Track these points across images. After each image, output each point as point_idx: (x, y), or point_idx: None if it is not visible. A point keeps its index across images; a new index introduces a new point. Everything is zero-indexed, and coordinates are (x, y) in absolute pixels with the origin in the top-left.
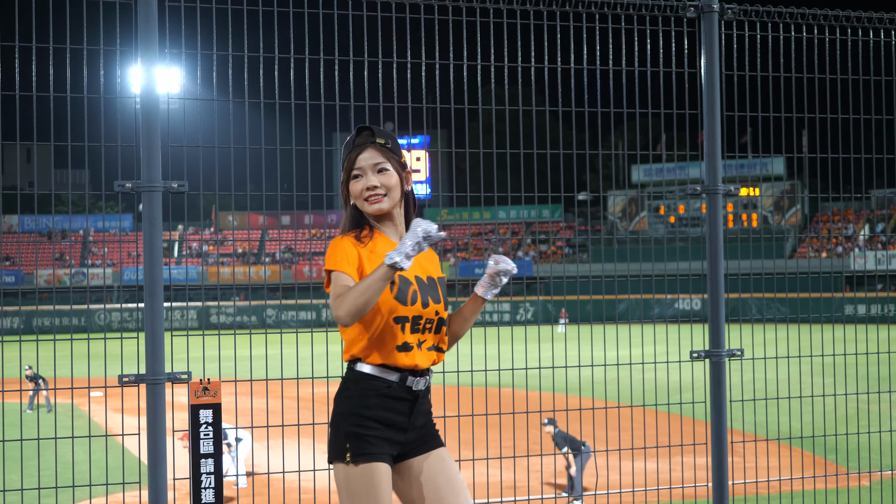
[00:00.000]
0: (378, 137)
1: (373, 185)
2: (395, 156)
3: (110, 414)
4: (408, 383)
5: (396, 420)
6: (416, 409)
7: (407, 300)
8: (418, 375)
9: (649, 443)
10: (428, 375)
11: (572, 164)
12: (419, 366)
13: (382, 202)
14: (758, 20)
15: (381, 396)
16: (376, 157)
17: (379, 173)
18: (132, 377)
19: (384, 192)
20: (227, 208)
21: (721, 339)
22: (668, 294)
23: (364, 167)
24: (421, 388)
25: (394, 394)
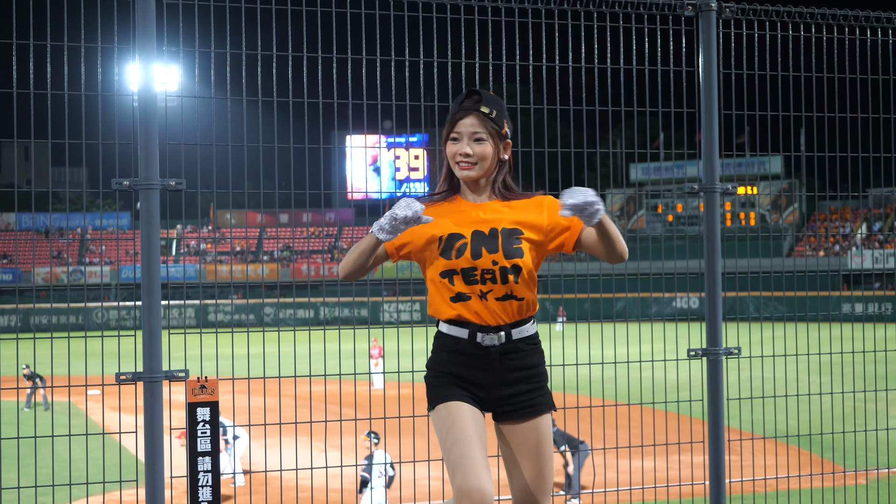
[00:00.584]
0: (483, 105)
1: (465, 152)
2: (495, 126)
3: (107, 412)
4: (477, 339)
5: (472, 375)
6: (494, 365)
7: (452, 254)
8: (490, 331)
9: (647, 441)
10: (505, 331)
11: (570, 163)
12: (484, 319)
13: (471, 170)
14: (755, 19)
15: (452, 353)
16: (476, 125)
17: (475, 142)
18: (129, 375)
19: (475, 161)
20: (225, 206)
21: (718, 337)
22: (665, 292)
23: (462, 132)
24: (493, 344)
25: (464, 350)
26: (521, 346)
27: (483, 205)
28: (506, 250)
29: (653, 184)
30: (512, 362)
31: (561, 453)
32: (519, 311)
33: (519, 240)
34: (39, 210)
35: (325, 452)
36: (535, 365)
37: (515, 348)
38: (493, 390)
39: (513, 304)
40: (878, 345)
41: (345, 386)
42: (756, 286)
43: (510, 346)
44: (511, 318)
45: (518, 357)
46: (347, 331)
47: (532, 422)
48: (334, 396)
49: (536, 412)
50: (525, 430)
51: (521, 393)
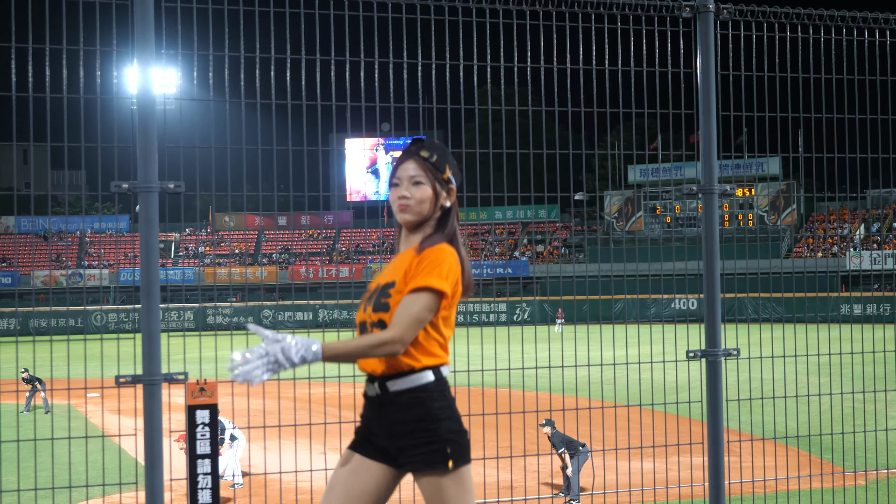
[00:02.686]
0: (423, 151)
1: (403, 195)
2: (436, 171)
3: (107, 415)
4: (365, 388)
5: (370, 423)
6: (382, 414)
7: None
8: (372, 380)
9: (646, 442)
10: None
11: (568, 165)
12: (366, 370)
13: (405, 213)
14: (753, 20)
15: (364, 398)
16: (415, 169)
17: (413, 185)
18: (129, 378)
19: (411, 205)
20: (223, 209)
21: (717, 338)
22: (664, 294)
23: (402, 177)
24: (369, 394)
25: (364, 397)
26: (398, 400)
27: (404, 254)
28: (374, 305)
29: (651, 185)
30: (392, 415)
31: (560, 455)
32: (390, 364)
33: (388, 293)
34: (38, 213)
35: (325, 455)
36: (416, 419)
37: (392, 401)
38: (386, 440)
39: (381, 358)
40: (877, 346)
41: (343, 388)
42: (755, 287)
43: (386, 398)
44: (385, 370)
45: (397, 410)
46: (346, 333)
47: (422, 478)
48: (333, 399)
49: (421, 469)
50: (420, 485)
51: (409, 447)
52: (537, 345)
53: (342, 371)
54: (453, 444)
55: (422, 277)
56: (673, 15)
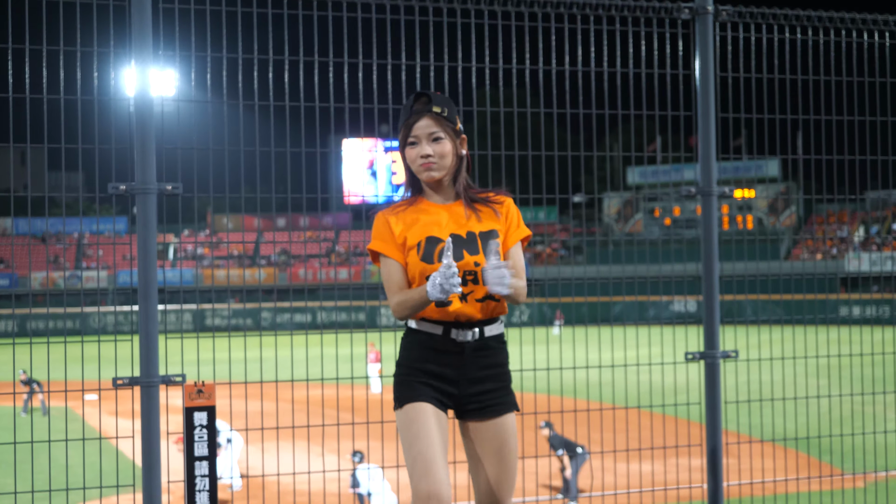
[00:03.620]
0: (434, 106)
1: (426, 153)
2: (450, 124)
3: (104, 417)
4: (451, 335)
5: (444, 372)
6: (467, 361)
7: (434, 258)
8: (464, 327)
9: (644, 444)
10: (479, 327)
11: (567, 166)
12: (461, 317)
13: (434, 170)
14: (752, 22)
15: (424, 349)
16: (432, 125)
17: (433, 142)
18: (126, 380)
19: (436, 161)
20: (222, 211)
21: (716, 340)
22: (663, 296)
23: (419, 135)
24: (467, 340)
25: (437, 346)
26: (491, 344)
27: (451, 206)
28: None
29: (650, 187)
30: (482, 360)
31: (559, 457)
32: (494, 310)
33: (497, 242)
34: (36, 215)
35: (323, 457)
36: (502, 363)
37: (486, 345)
38: (463, 387)
39: (490, 304)
40: (876, 348)
41: (342, 390)
42: (754, 289)
43: (482, 342)
44: (485, 315)
45: (488, 354)
46: (345, 335)
47: (497, 420)
48: (331, 400)
49: (502, 410)
50: (490, 428)
51: (489, 391)
52: (536, 346)
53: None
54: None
55: (523, 228)
56: (672, 17)
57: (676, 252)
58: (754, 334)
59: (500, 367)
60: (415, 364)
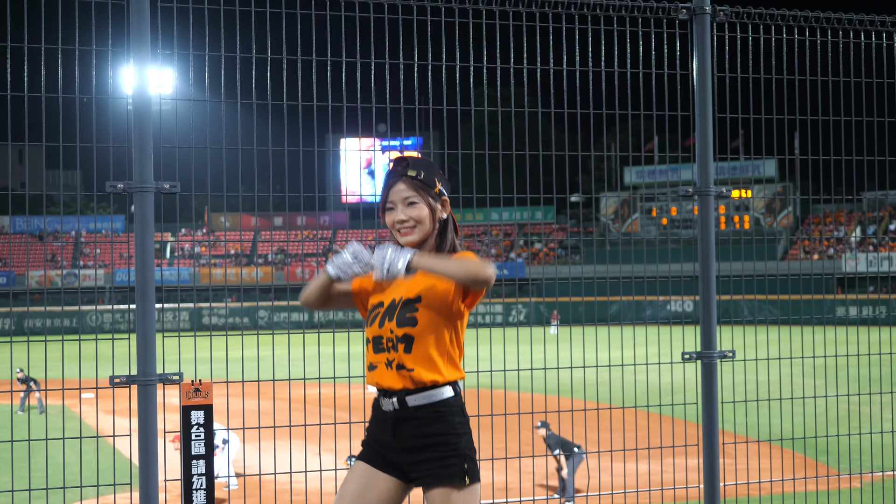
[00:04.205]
0: (410, 170)
1: (401, 219)
2: (427, 187)
3: (102, 415)
4: (380, 402)
5: (381, 437)
6: (399, 429)
7: (368, 322)
8: (387, 396)
9: (641, 444)
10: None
11: (565, 166)
12: (383, 385)
13: (411, 235)
14: (749, 22)
15: (373, 412)
16: (407, 190)
17: (409, 206)
18: (124, 378)
19: (412, 225)
20: (219, 209)
21: (713, 340)
22: (660, 296)
23: (395, 200)
24: (389, 409)
25: (375, 412)
26: (419, 415)
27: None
28: (399, 319)
29: (647, 187)
30: (411, 429)
31: (555, 457)
32: (412, 379)
33: (415, 307)
34: (33, 213)
35: (320, 456)
36: (438, 433)
37: (411, 416)
38: (399, 454)
39: (403, 374)
40: (873, 348)
41: (339, 389)
42: (750, 289)
43: (405, 413)
44: (405, 385)
45: (417, 425)
46: (342, 334)
47: (436, 491)
48: (329, 399)
49: (434, 483)
50: (432, 497)
51: (423, 461)
52: (533, 346)
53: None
54: (469, 461)
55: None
56: (669, 17)
57: (673, 252)
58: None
59: (433, 436)
60: (368, 425)
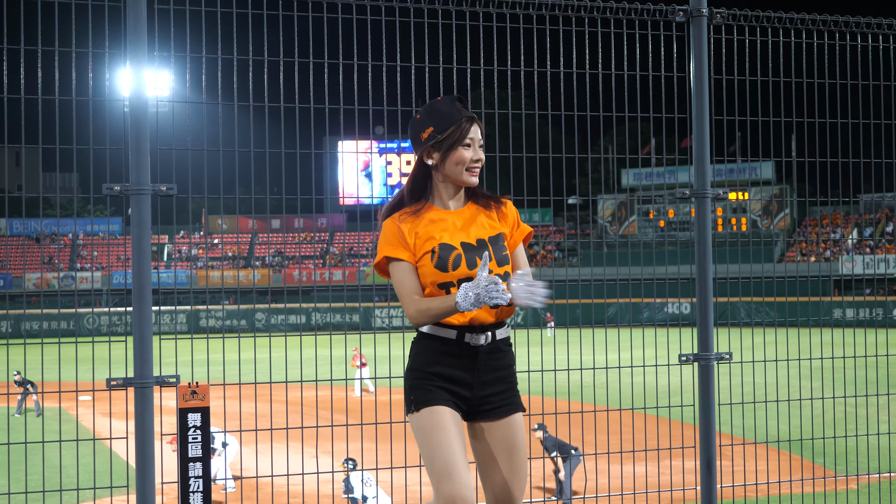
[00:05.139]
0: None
1: (479, 158)
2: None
3: (98, 418)
4: (465, 339)
5: (458, 375)
6: (480, 364)
7: (448, 266)
8: (477, 332)
9: (638, 446)
10: (491, 331)
11: (562, 168)
12: (475, 322)
13: (476, 177)
14: (746, 25)
15: (438, 353)
16: (479, 132)
17: (480, 148)
18: (120, 381)
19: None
20: (216, 212)
21: (709, 342)
22: (657, 298)
23: (474, 139)
24: (480, 344)
25: (451, 350)
26: (501, 347)
27: (459, 212)
28: (498, 258)
29: (644, 189)
30: (493, 362)
31: (552, 459)
32: (504, 314)
33: (505, 247)
34: (30, 215)
35: (317, 458)
36: (510, 365)
37: (497, 348)
38: (476, 389)
39: (502, 309)
40: (869, 350)
41: (336, 392)
42: (747, 291)
43: (494, 345)
44: (497, 319)
45: (498, 357)
46: (339, 336)
47: (507, 420)
48: (325, 402)
49: (511, 410)
50: (501, 428)
51: (499, 392)
52: (529, 348)
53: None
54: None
55: (524, 226)
56: (666, 19)
57: (671, 254)
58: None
59: (508, 368)
60: (429, 368)
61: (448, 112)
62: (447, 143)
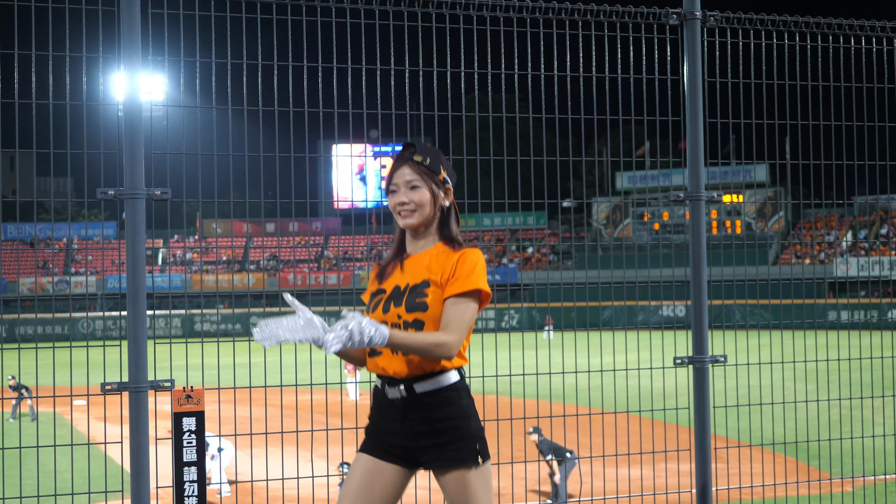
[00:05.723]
0: (416, 155)
1: (402, 200)
2: (431, 174)
3: (93, 422)
4: (385, 390)
5: (387, 426)
6: (402, 416)
7: (370, 309)
8: (393, 384)
9: (634, 449)
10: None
11: (556, 171)
12: (388, 372)
13: (411, 218)
14: (740, 27)
15: (374, 402)
16: (411, 174)
17: (411, 190)
18: (115, 385)
19: (413, 209)
20: (211, 216)
21: (704, 345)
22: (652, 301)
23: (398, 183)
24: (396, 396)
25: (378, 399)
26: (426, 400)
27: (419, 256)
28: (408, 304)
29: (639, 192)
30: (420, 414)
31: (548, 462)
32: (421, 365)
33: (424, 293)
34: (24, 220)
35: (312, 462)
36: (446, 418)
37: (419, 402)
38: (407, 440)
39: (412, 359)
40: (864, 352)
41: (331, 395)
42: (742, 294)
43: (412, 399)
44: (413, 371)
45: (425, 410)
46: None
47: (450, 475)
48: (321, 406)
49: (449, 466)
50: (446, 481)
51: (436, 445)
52: (525, 351)
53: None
54: (480, 441)
55: (472, 280)
56: (660, 22)
57: (665, 257)
58: (743, 339)
59: (442, 421)
60: (370, 414)
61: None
62: (385, 192)
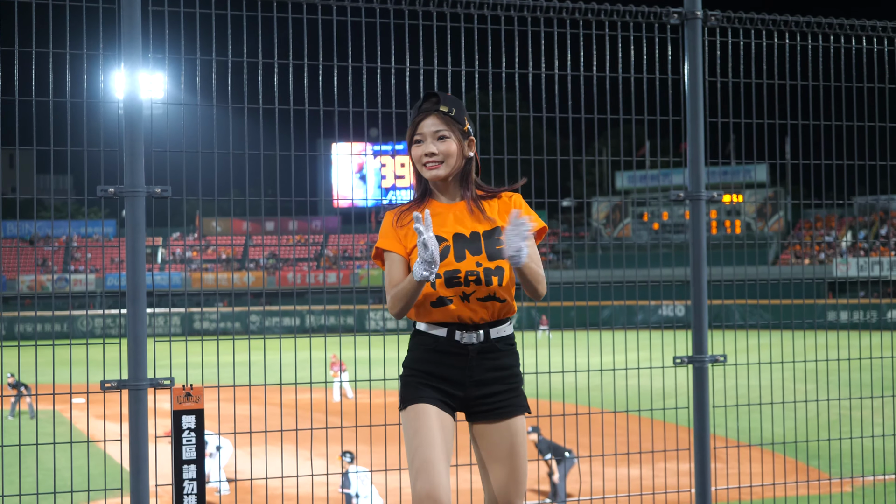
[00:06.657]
0: (442, 105)
1: (430, 151)
2: (457, 124)
3: (92, 420)
4: (455, 337)
5: (449, 374)
6: (471, 364)
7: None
8: (468, 329)
9: (633, 449)
10: (484, 329)
11: (556, 170)
12: (464, 319)
13: (439, 169)
14: (741, 27)
15: (429, 351)
16: (438, 124)
17: (438, 140)
18: (114, 383)
19: (441, 160)
20: (210, 214)
21: (704, 344)
22: (651, 300)
23: (425, 133)
24: (472, 342)
25: (441, 348)
26: (498, 346)
27: (456, 205)
28: (489, 252)
29: (639, 192)
30: (489, 362)
31: (546, 462)
32: (500, 311)
33: (500, 240)
34: (24, 218)
35: (311, 460)
36: (510, 366)
37: (493, 348)
38: (469, 389)
39: (495, 305)
40: (864, 352)
41: (330, 394)
42: (742, 294)
43: (488, 345)
44: (491, 317)
45: (495, 357)
46: (333, 339)
47: (506, 422)
48: (320, 404)
49: (510, 413)
50: (499, 430)
51: (497, 393)
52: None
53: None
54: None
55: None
56: (661, 21)
57: (665, 256)
58: (742, 339)
59: (507, 369)
60: (419, 366)
61: (412, 111)
62: (407, 143)
